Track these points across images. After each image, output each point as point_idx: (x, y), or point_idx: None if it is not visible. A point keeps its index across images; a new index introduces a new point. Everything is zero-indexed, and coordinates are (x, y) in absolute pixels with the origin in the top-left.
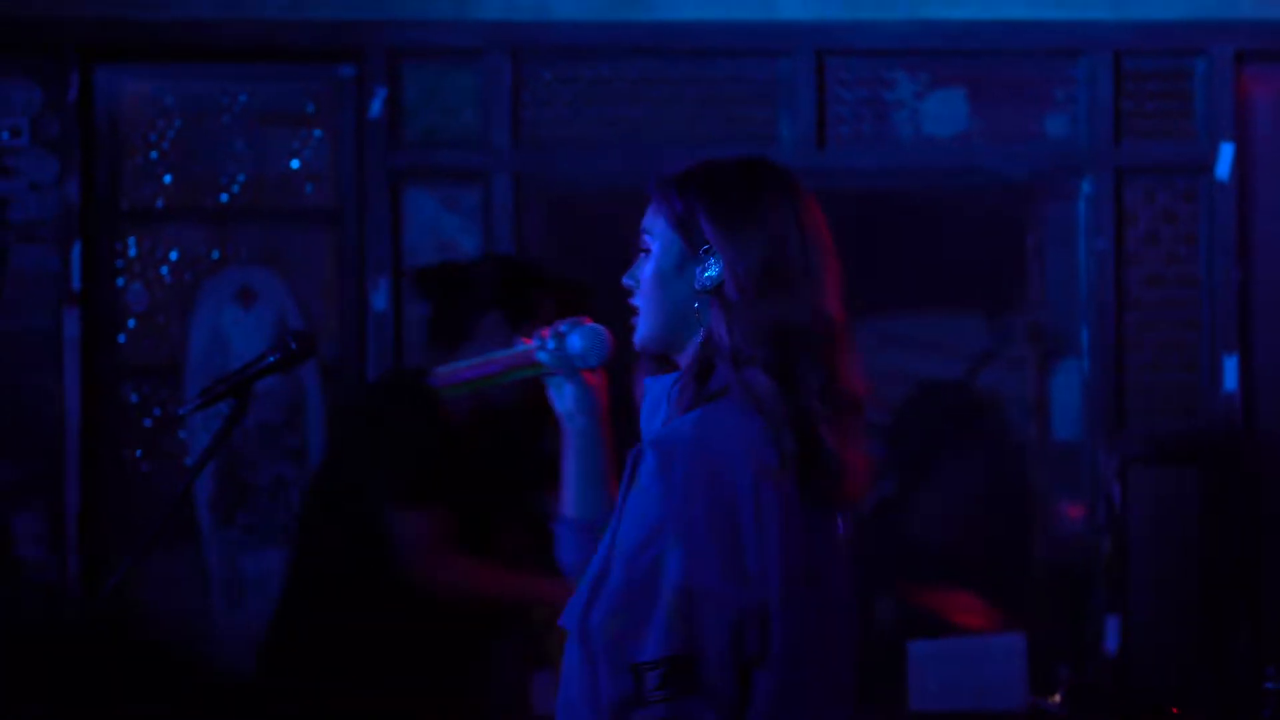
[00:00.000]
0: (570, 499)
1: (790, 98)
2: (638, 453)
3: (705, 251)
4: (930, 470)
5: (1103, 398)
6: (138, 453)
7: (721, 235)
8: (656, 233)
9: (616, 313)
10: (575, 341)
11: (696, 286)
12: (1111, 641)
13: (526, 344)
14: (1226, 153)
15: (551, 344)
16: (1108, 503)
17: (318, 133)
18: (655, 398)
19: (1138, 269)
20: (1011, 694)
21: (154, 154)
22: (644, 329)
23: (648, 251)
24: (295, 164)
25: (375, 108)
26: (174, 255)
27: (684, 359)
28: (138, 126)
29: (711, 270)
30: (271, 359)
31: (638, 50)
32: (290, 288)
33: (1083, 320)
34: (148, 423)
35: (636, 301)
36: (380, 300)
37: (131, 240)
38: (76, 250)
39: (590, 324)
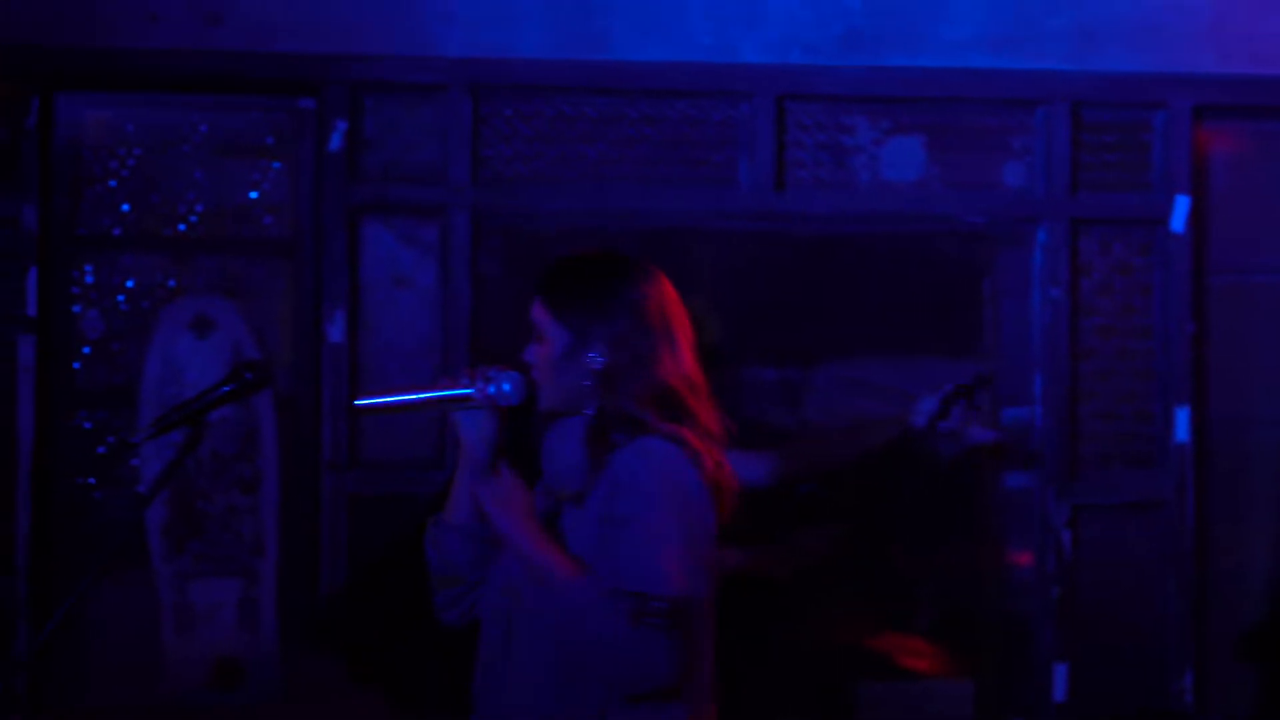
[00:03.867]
0: (464, 509)
1: (750, 141)
2: (611, 460)
3: (589, 341)
4: (882, 516)
5: (1054, 446)
6: (90, 479)
7: (600, 327)
8: (544, 327)
9: None
10: (507, 387)
11: (589, 370)
12: (1060, 688)
13: (454, 384)
14: (1182, 205)
15: (490, 388)
16: (1057, 550)
17: (277, 164)
18: (577, 439)
19: (1092, 319)
20: None
21: (113, 182)
22: (546, 400)
23: (539, 340)
24: (254, 195)
25: (335, 141)
26: (131, 283)
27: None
28: (98, 154)
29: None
30: (226, 389)
31: (599, 89)
32: (246, 318)
33: (1036, 368)
34: (101, 449)
35: (536, 375)
36: (336, 332)
37: (89, 268)
38: (33, 277)
39: (515, 371)
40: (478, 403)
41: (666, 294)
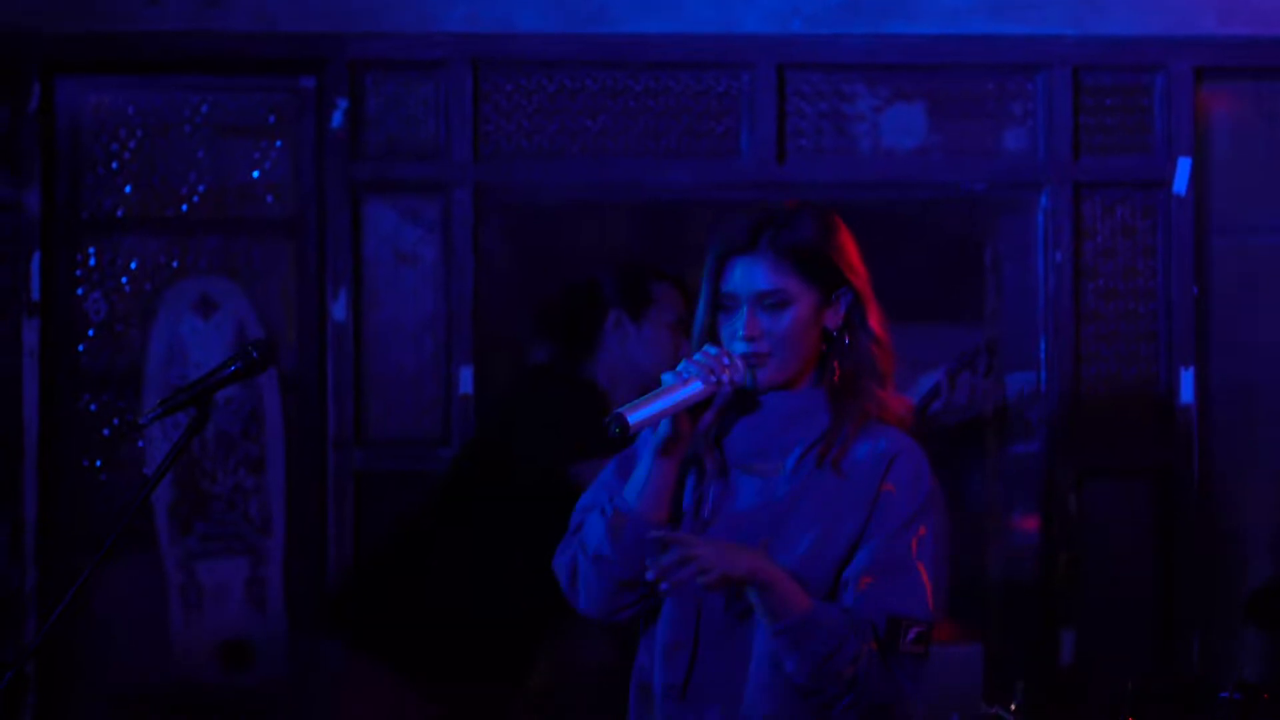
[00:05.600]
0: (663, 507)
1: (751, 111)
2: (886, 458)
3: (838, 296)
4: None
5: (1059, 410)
6: (97, 462)
7: (853, 276)
8: (792, 290)
9: None
10: (743, 369)
11: (831, 325)
12: (1067, 653)
13: (686, 377)
14: (1184, 168)
15: (737, 376)
16: (1063, 515)
17: (279, 144)
18: (792, 411)
19: (1095, 282)
20: (968, 704)
21: (115, 164)
22: (780, 371)
23: (782, 306)
24: (256, 174)
25: (336, 119)
26: (134, 265)
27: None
28: (99, 137)
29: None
30: (232, 368)
31: (599, 62)
32: (250, 298)
33: (1040, 333)
34: (106, 432)
35: (764, 348)
36: (340, 311)
37: (91, 250)
38: (36, 260)
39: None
40: (708, 392)
41: None
